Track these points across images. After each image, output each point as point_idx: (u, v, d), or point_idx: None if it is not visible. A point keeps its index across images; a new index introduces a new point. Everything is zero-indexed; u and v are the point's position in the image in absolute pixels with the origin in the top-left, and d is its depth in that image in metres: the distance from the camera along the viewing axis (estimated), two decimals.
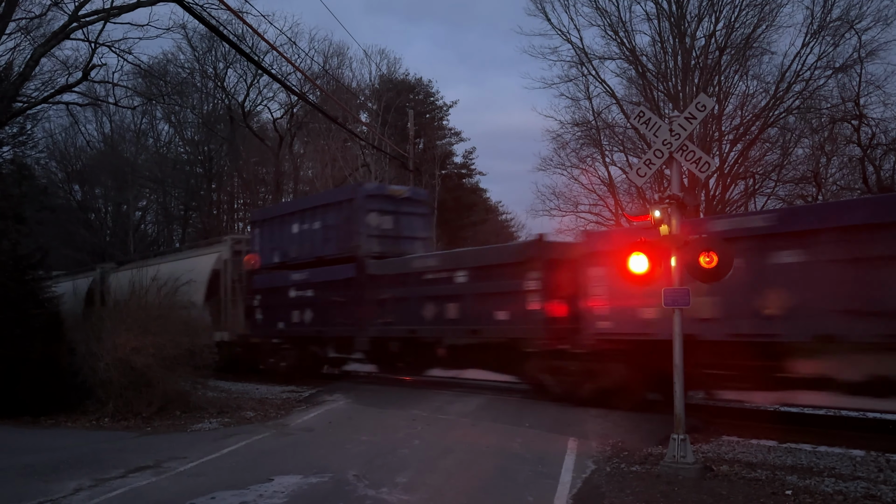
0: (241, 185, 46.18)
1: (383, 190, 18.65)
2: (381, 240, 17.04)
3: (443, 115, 49.09)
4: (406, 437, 10.47)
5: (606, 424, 10.76)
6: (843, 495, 6.92)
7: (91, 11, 21.91)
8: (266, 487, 7.55)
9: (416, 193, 19.63)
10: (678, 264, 8.11)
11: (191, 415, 12.88)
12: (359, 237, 16.63)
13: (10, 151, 31.55)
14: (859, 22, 25.34)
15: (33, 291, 13.52)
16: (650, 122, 8.53)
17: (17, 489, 7.71)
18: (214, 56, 40.49)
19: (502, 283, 13.24)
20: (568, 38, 30.00)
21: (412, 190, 20.01)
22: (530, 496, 7.19)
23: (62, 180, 45.14)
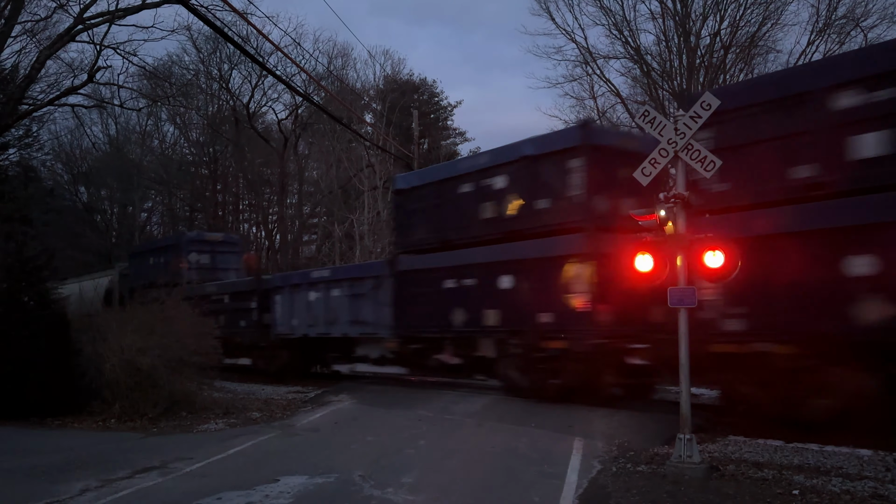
0: (246, 186, 46.29)
1: (202, 236, 26.66)
2: (199, 271, 23.89)
3: (447, 116, 49.12)
4: (411, 437, 10.47)
5: (612, 424, 10.74)
6: (851, 495, 6.89)
7: (96, 14, 22.01)
8: (272, 488, 7.56)
9: (229, 238, 27.89)
10: (684, 263, 8.09)
11: (197, 415, 12.92)
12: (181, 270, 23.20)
13: (16, 154, 31.68)
14: (865, 20, 25.30)
15: (40, 293, 13.56)
16: (655, 121, 8.50)
17: (24, 490, 7.73)
18: (219, 57, 40.66)
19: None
20: (572, 38, 30.04)
21: (226, 235, 28.34)
22: (536, 496, 7.18)
23: (68, 182, 45.32)
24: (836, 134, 8.87)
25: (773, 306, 9.25)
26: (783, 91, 9.58)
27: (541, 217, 12.66)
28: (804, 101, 9.28)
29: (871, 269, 8.42)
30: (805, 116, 9.20)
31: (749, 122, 9.69)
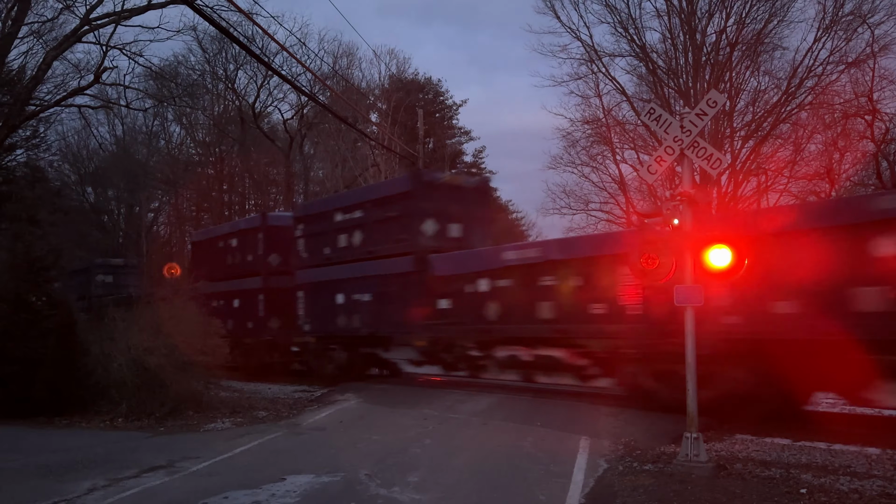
0: (252, 185, 46.37)
1: (108, 262, 32.10)
2: (104, 287, 28.48)
3: (452, 115, 49.11)
4: (417, 436, 10.47)
5: (618, 423, 10.72)
6: (859, 493, 6.85)
7: (102, 15, 22.06)
8: (278, 487, 7.57)
9: (129, 260, 33.47)
10: (690, 262, 8.07)
11: (203, 415, 12.95)
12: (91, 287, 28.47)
13: (23, 154, 31.89)
14: (872, 16, 25.13)
15: (47, 293, 13.62)
16: (661, 118, 8.48)
17: (32, 489, 7.77)
18: (225, 58, 40.70)
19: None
20: (577, 36, 29.93)
21: (125, 260, 33.33)
22: (542, 495, 7.17)
23: (75, 182, 45.50)
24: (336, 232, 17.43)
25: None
26: (319, 209, 19.20)
27: (385, 244, 16.10)
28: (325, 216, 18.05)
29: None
30: (326, 222, 17.89)
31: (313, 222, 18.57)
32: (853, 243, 8.95)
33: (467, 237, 15.84)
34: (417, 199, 15.50)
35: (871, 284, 8.83)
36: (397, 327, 15.54)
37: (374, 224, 16.54)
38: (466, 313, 14.11)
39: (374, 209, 16.61)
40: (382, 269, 15.87)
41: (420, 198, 15.53)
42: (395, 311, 14.94)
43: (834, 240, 9.15)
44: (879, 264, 8.68)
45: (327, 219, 17.96)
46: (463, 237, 15.80)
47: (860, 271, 8.88)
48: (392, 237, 15.93)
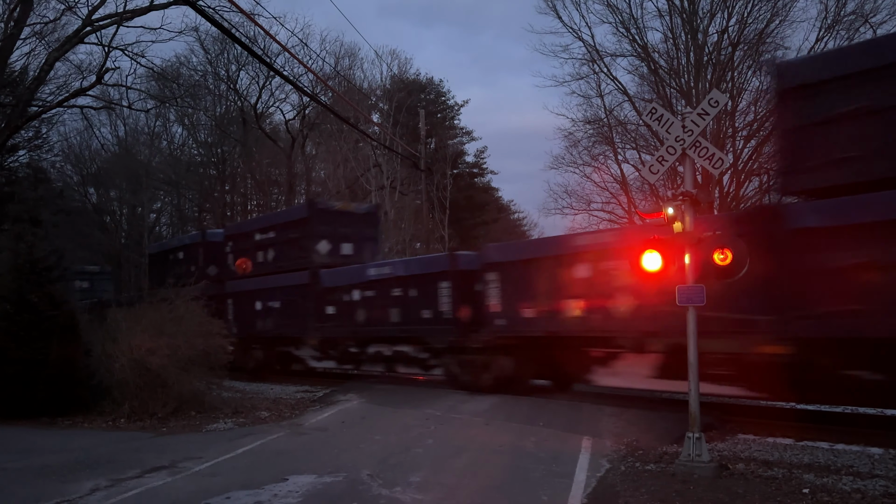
0: (254, 186, 46.43)
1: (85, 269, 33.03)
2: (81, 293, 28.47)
3: (454, 115, 49.16)
4: (419, 436, 10.48)
5: (620, 423, 10.72)
6: (862, 494, 6.84)
7: (104, 16, 22.10)
8: (281, 487, 7.58)
9: (104, 267, 35.57)
10: (692, 261, 8.06)
11: (206, 415, 12.96)
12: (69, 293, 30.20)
13: (26, 155, 32.04)
14: (874, 16, 25.04)
15: (50, 294, 13.64)
16: (662, 118, 8.47)
17: (34, 489, 7.78)
18: (227, 58, 40.78)
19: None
20: (579, 36, 29.93)
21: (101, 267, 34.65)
22: (545, 495, 7.17)
23: (77, 183, 45.58)
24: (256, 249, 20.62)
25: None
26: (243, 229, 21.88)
27: (290, 260, 19.46)
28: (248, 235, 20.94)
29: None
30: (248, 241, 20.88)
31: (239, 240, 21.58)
32: (557, 269, 12.53)
33: (357, 255, 19.36)
34: (313, 224, 19.04)
35: (574, 297, 12.25)
36: (299, 329, 18.44)
37: (282, 244, 20.12)
38: (345, 317, 17.33)
39: (282, 231, 20.26)
40: (287, 282, 18.95)
41: (315, 223, 19.08)
42: (297, 316, 17.27)
43: (549, 266, 12.80)
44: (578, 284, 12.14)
45: (250, 238, 21.46)
46: (353, 255, 19.34)
47: (568, 288, 12.30)
48: (294, 255, 19.39)
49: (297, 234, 19.43)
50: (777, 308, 9.54)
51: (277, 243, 20.27)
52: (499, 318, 13.67)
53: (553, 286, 12.56)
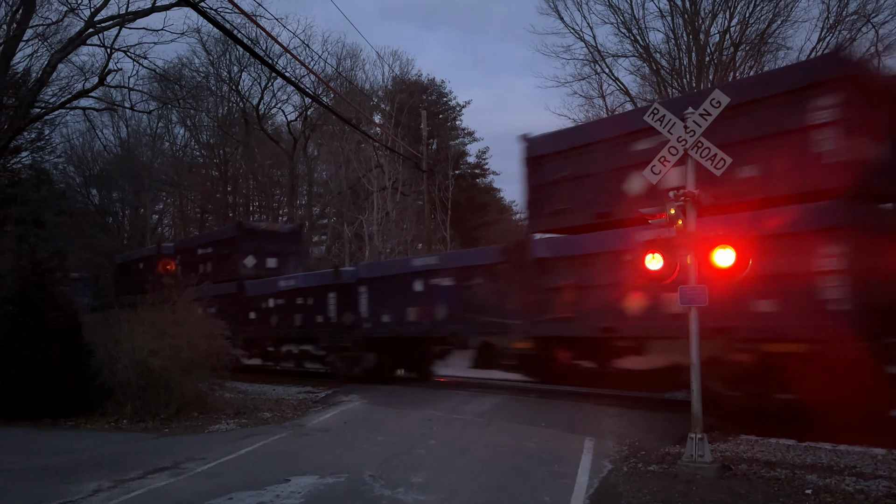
0: (256, 187, 46.46)
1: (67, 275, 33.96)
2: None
3: (456, 116, 49.15)
4: (422, 436, 10.48)
5: (623, 424, 10.71)
6: (865, 494, 6.83)
7: (107, 17, 22.15)
8: (283, 488, 7.58)
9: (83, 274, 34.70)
10: (694, 262, 8.06)
11: (208, 416, 12.97)
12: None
13: (28, 157, 32.07)
14: (876, 16, 25.05)
15: (52, 295, 13.65)
16: (664, 118, 8.46)
17: (37, 490, 7.79)
18: (229, 60, 40.83)
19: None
20: (581, 37, 29.94)
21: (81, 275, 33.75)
22: (547, 496, 7.17)
23: (80, 184, 45.61)
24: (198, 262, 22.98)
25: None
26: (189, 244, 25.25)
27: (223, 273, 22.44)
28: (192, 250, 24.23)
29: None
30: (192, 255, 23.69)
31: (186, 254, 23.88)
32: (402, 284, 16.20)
33: (281, 268, 22.31)
34: (240, 242, 22.44)
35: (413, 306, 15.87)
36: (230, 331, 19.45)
37: (217, 258, 23.36)
38: (264, 322, 20.80)
39: (217, 247, 23.65)
40: (221, 291, 21.07)
41: (242, 241, 22.47)
42: (229, 320, 18.12)
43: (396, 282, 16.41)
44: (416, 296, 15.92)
45: (193, 252, 24.85)
46: (277, 268, 22.35)
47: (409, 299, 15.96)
48: (226, 268, 22.49)
49: (228, 250, 22.90)
50: (525, 314, 13.09)
51: (214, 257, 23.65)
52: (367, 322, 17.19)
53: (400, 297, 16.21)
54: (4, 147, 22.80)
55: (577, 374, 13.29)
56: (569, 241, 12.84)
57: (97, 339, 13.79)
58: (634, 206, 10.51)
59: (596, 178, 12.35)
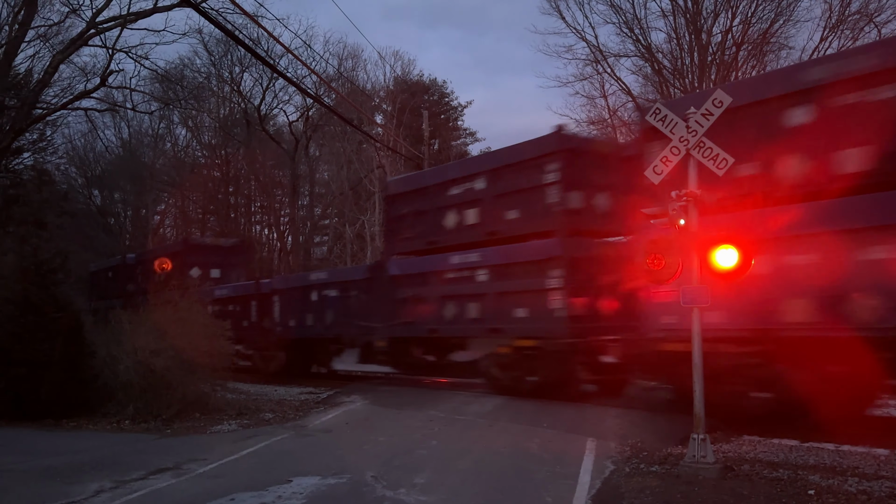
0: (257, 188, 46.49)
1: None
2: None
3: (457, 116, 49.09)
4: (423, 437, 10.47)
5: (625, 424, 10.70)
6: (868, 495, 6.81)
7: (108, 18, 22.22)
8: (285, 489, 7.58)
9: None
10: (696, 262, 8.04)
11: (210, 417, 12.97)
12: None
13: (30, 157, 32.10)
14: (878, 15, 25.02)
15: (54, 295, 13.66)
16: (666, 118, 8.45)
17: (39, 490, 7.79)
18: (230, 60, 40.85)
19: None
20: (583, 36, 29.93)
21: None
22: (549, 497, 7.15)
23: (82, 185, 45.70)
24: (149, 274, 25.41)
25: None
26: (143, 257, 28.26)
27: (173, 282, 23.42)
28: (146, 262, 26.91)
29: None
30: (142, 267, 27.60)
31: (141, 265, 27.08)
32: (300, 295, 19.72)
33: (224, 278, 24.70)
34: (187, 255, 24.94)
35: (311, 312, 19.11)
36: None
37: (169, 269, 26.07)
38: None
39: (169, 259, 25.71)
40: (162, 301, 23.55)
41: (189, 254, 25.08)
42: None
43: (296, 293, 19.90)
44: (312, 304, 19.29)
45: (150, 263, 26.70)
46: (220, 278, 24.65)
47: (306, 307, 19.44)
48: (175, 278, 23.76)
49: (176, 262, 24.90)
50: (384, 320, 16.55)
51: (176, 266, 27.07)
52: (279, 326, 20.34)
53: (302, 305, 19.27)
54: (6, 148, 22.85)
55: (426, 365, 17.28)
56: (409, 262, 16.53)
57: (99, 339, 13.79)
58: (450, 236, 15.32)
59: (427, 214, 16.12)
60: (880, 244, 8.56)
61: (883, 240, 8.51)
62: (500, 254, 13.87)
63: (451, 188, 15.53)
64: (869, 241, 8.65)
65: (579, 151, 13.43)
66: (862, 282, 8.65)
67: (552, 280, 12.79)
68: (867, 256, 8.67)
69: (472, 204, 14.91)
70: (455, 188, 15.39)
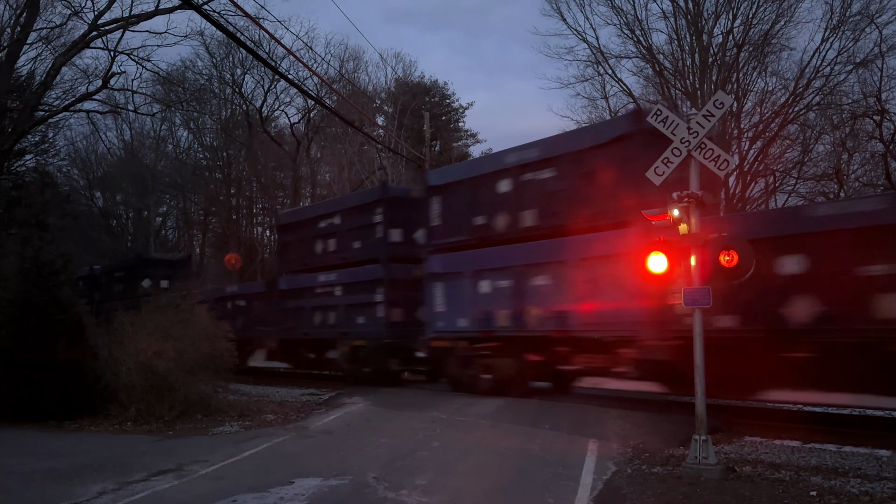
0: (259, 189, 46.51)
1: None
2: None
3: (459, 117, 49.12)
4: (425, 439, 10.47)
5: (627, 425, 10.69)
6: (870, 496, 6.81)
7: (110, 20, 22.24)
8: (286, 490, 7.58)
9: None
10: (698, 263, 8.04)
11: (212, 418, 12.98)
12: None
13: (32, 160, 32.17)
14: (880, 16, 25.06)
15: (56, 297, 13.67)
16: (668, 120, 8.46)
17: (41, 492, 7.80)
18: (232, 62, 40.92)
19: None
20: (584, 38, 30.02)
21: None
22: (551, 498, 7.15)
23: (84, 187, 45.76)
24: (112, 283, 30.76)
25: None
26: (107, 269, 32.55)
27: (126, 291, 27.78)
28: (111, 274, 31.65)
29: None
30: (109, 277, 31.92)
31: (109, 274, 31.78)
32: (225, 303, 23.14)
33: (171, 288, 26.72)
34: (140, 269, 28.10)
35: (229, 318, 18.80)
36: None
37: (124, 280, 29.27)
38: None
39: (125, 272, 29.51)
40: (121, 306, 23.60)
41: (141, 267, 28.12)
42: None
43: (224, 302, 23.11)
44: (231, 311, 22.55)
45: (111, 275, 31.06)
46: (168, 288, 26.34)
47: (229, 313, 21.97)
48: (129, 288, 27.44)
49: (131, 274, 28.39)
50: (276, 325, 21.00)
51: (122, 280, 29.81)
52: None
53: (222, 312, 20.42)
54: (8, 150, 22.87)
55: (309, 361, 21.51)
56: (293, 279, 20.97)
57: (101, 341, 13.80)
58: (319, 259, 19.89)
59: (304, 241, 20.83)
60: (542, 274, 13.20)
61: (543, 272, 13.16)
62: (347, 274, 18.67)
63: (319, 222, 20.30)
64: (535, 273, 13.27)
65: (398, 199, 18.18)
66: (532, 299, 13.28)
67: (377, 295, 17.47)
68: (535, 283, 13.30)
69: (333, 235, 19.72)
70: (322, 222, 20.19)
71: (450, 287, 15.14)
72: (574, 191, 12.68)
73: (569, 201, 12.73)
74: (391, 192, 18.61)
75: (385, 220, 17.72)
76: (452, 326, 14.96)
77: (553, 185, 13.15)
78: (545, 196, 13.24)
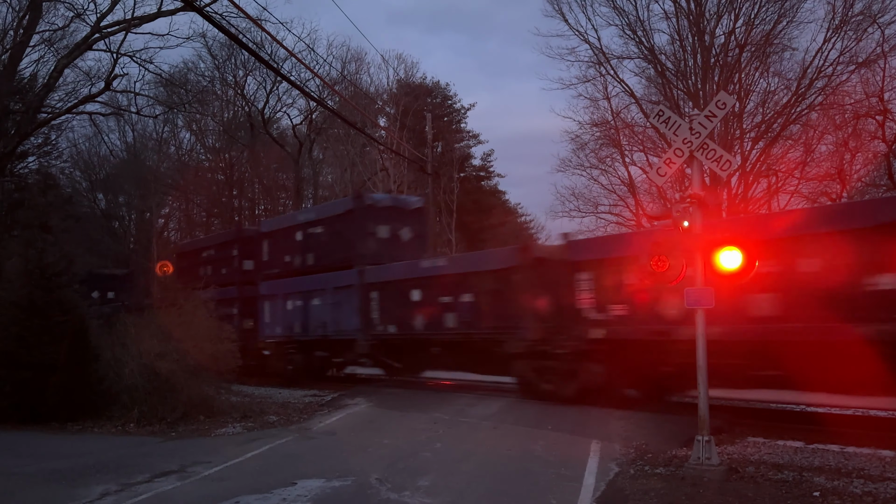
0: (261, 191, 46.54)
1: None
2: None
3: (461, 118, 49.13)
4: (428, 440, 10.47)
5: (629, 426, 10.68)
6: (873, 497, 6.79)
7: (113, 22, 22.27)
8: (289, 491, 7.59)
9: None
10: (700, 264, 8.04)
11: (215, 419, 12.99)
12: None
13: (35, 162, 32.19)
14: (882, 16, 24.93)
15: (59, 299, 13.70)
16: (670, 120, 8.46)
17: (44, 494, 7.83)
18: (234, 64, 40.85)
19: None
20: (585, 39, 29.92)
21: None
22: (553, 499, 7.15)
23: (86, 189, 45.74)
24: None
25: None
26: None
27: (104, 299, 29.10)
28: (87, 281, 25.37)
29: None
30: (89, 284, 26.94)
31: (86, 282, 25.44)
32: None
33: (117, 299, 28.48)
34: (91, 282, 27.24)
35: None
36: None
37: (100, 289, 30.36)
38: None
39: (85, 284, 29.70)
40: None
41: (92, 281, 27.58)
42: None
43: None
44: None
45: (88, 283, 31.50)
46: (115, 299, 28.64)
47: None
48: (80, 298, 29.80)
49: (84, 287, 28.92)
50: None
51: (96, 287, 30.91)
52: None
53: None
54: (11, 152, 22.93)
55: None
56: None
57: (104, 342, 13.82)
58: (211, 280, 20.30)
59: (196, 266, 24.14)
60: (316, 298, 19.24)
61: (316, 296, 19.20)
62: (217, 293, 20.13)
63: (205, 251, 25.10)
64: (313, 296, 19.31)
65: (249, 236, 22.97)
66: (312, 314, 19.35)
67: (234, 309, 21.79)
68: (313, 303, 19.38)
69: (209, 262, 24.13)
70: (208, 252, 24.82)
71: (272, 305, 20.97)
72: (329, 243, 19.13)
73: (327, 249, 19.16)
74: (244, 233, 23.92)
75: (239, 254, 23.00)
76: (273, 333, 20.74)
77: (321, 237, 19.57)
78: (318, 244, 19.60)
